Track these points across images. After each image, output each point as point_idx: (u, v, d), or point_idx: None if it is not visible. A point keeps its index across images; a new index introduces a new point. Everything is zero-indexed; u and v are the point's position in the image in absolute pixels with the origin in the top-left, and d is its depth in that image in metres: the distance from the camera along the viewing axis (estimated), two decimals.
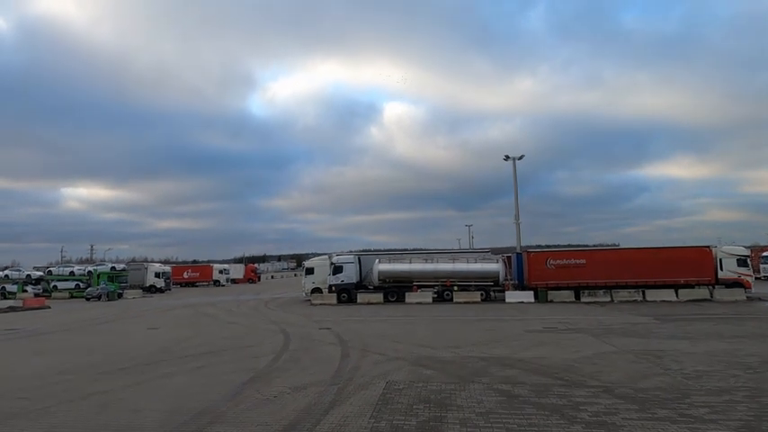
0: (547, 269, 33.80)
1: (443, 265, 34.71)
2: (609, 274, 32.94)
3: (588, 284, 33.04)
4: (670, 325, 20.50)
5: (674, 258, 32.80)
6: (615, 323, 21.38)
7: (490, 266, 34.34)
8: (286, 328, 21.53)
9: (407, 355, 14.44)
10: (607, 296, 32.19)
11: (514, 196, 41.71)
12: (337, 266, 35.66)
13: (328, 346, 16.52)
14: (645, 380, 11.05)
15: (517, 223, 41.13)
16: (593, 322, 21.78)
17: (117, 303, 40.61)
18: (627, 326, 20.44)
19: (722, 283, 32.68)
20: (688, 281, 32.53)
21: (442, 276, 34.54)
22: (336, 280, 35.49)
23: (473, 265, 34.48)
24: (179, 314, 29.54)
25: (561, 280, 33.37)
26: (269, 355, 14.77)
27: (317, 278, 37.56)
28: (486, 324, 21.84)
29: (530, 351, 14.76)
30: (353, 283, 35.35)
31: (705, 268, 32.71)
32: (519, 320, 23.12)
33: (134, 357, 15.17)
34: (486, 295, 34.09)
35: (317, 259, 39.46)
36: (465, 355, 14.26)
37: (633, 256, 33.43)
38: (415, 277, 34.78)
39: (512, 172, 41.74)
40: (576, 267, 33.54)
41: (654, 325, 20.58)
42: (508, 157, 41.82)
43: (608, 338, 16.97)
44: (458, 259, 35.11)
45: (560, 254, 34.15)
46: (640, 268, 32.77)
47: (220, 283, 69.02)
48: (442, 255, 36.14)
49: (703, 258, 32.86)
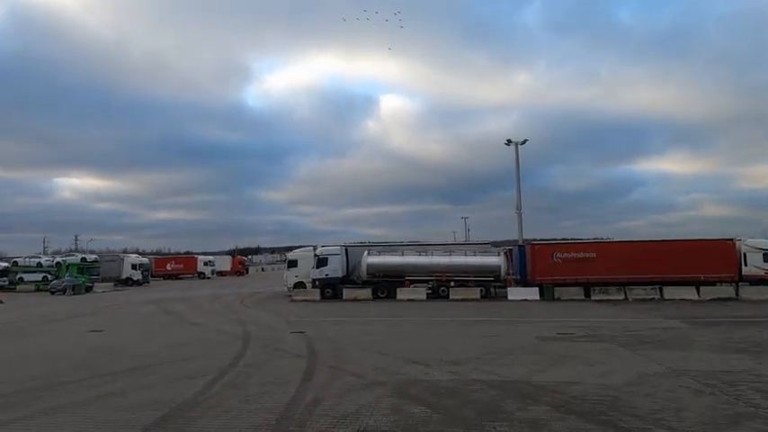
0: (553, 263, 30.20)
1: (439, 259, 31.07)
2: (622, 268, 29.38)
3: (599, 280, 29.47)
4: (708, 331, 16.96)
5: (694, 252, 29.26)
6: (641, 328, 17.82)
7: (490, 260, 30.72)
8: (252, 332, 17.87)
9: (391, 376, 10.81)
10: (620, 293, 28.63)
11: (516, 184, 38.11)
12: (321, 259, 31.96)
13: (292, 359, 12.86)
14: (735, 428, 7.45)
15: (519, 213, 37.53)
16: (615, 326, 18.22)
17: (82, 298, 36.77)
18: (657, 332, 16.88)
19: (746, 279, 29.20)
20: (709, 277, 29.02)
21: (438, 271, 30.91)
22: (320, 274, 31.79)
23: (471, 259, 30.86)
24: (139, 312, 25.79)
25: (569, 275, 29.79)
26: (209, 375, 11.09)
27: (301, 271, 33.84)
28: (489, 328, 18.24)
29: (552, 371, 11.14)
30: (339, 277, 31.66)
31: (728, 263, 29.20)
32: (526, 323, 19.54)
33: (35, 377, 11.45)
34: (485, 292, 30.47)
35: (300, 251, 35.73)
36: (467, 377, 10.63)
37: (649, 249, 29.86)
38: (408, 271, 31.14)
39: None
40: (586, 261, 29.95)
41: (689, 331, 17.03)
42: (510, 142, 38.12)
43: (643, 351, 13.39)
44: (455, 252, 31.47)
45: (568, 246, 30.57)
46: (657, 263, 29.22)
47: (205, 276, 65.18)
48: (438, 247, 32.49)
49: (726, 252, 29.34)
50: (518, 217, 37.45)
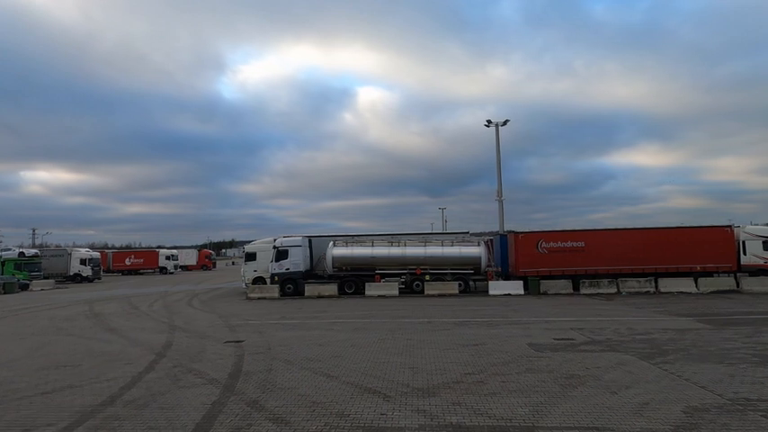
0: (538, 254, 27.06)
1: (413, 250, 27.61)
2: (613, 259, 26.44)
3: (588, 272, 26.50)
4: (731, 333, 13.84)
5: (690, 241, 26.48)
6: (651, 330, 14.62)
7: (470, 250, 27.39)
8: (175, 342, 14.08)
9: (331, 420, 7.23)
10: (612, 286, 25.64)
11: (497, 169, 34.76)
12: (281, 251, 28.16)
13: (202, 388, 9.16)
14: None
15: (500, 200, 34.24)
16: (620, 328, 14.99)
17: (10, 298, 32.21)
18: (673, 335, 13.69)
19: (745, 269, 26.57)
20: (706, 267, 26.31)
21: (412, 263, 27.47)
22: (280, 268, 28.02)
23: (449, 249, 27.48)
24: (56, 315, 21.56)
25: (555, 267, 26.72)
26: (58, 424, 7.34)
27: (260, 265, 30.05)
28: (471, 333, 14.81)
29: (563, 405, 7.68)
30: (301, 271, 27.94)
31: (726, 252, 26.51)
32: (514, 324, 16.18)
33: None
34: (464, 286, 27.20)
35: (259, 242, 31.82)
36: (444, 419, 7.10)
37: (642, 237, 26.94)
38: (379, 264, 27.62)
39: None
40: (574, 251, 26.91)
41: (710, 334, 13.88)
42: (490, 123, 34.74)
43: (671, 365, 10.11)
44: (430, 242, 28.04)
45: (554, 235, 27.43)
46: (651, 252, 26.37)
47: (168, 271, 60.62)
48: (412, 237, 29.00)
49: (724, 241, 26.62)
50: (499, 204, 34.20)
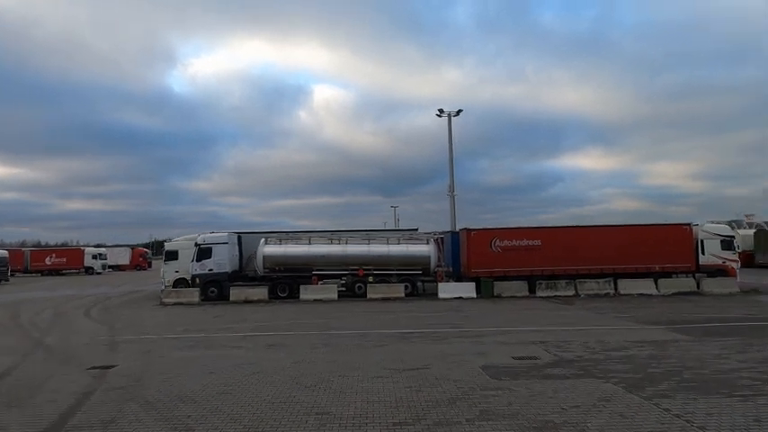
0: (492, 253, 24.55)
1: (355, 248, 24.48)
2: (571, 258, 24.26)
3: (545, 273, 24.20)
4: (718, 347, 11.51)
5: (650, 239, 24.67)
6: (626, 343, 12.11)
7: (418, 249, 24.55)
8: (16, 368, 10.34)
9: None
10: (570, 288, 23.43)
11: (449, 162, 32.16)
12: (203, 249, 24.35)
13: None
14: None
15: (452, 195, 31.65)
16: (589, 341, 12.41)
17: None
18: (653, 350, 11.19)
19: (703, 270, 25.04)
20: (665, 267, 24.58)
21: (354, 263, 24.35)
22: (202, 268, 24.22)
23: (395, 248, 24.53)
24: None
25: (510, 267, 24.27)
26: None
27: (183, 265, 26.02)
28: (413, 350, 11.81)
29: None
30: (227, 272, 24.24)
31: (685, 252, 24.88)
32: (466, 338, 13.34)
33: None
34: (411, 288, 24.33)
35: (182, 239, 27.77)
36: None
37: (601, 235, 24.89)
38: (316, 264, 24.33)
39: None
40: (530, 250, 24.56)
41: (696, 348, 11.46)
42: (442, 112, 32.09)
43: (674, 402, 7.42)
44: (375, 240, 25.00)
45: (509, 232, 25.00)
46: (610, 252, 24.37)
47: (94, 271, 54.87)
48: (355, 234, 25.87)
49: (683, 239, 24.99)
50: (450, 200, 31.60)
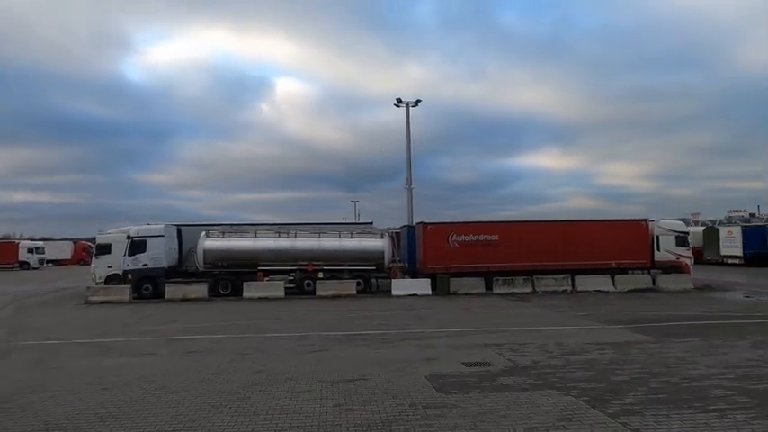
0: (449, 248, 23.46)
1: (305, 242, 22.88)
2: (529, 254, 23.44)
3: (502, 269, 23.28)
4: (679, 347, 10.65)
5: (607, 235, 24.16)
6: (584, 345, 11.09)
7: (372, 244, 23.17)
8: None
9: None
10: (528, 285, 22.61)
11: (407, 154, 30.90)
12: (137, 242, 22.20)
13: None
14: None
15: (409, 188, 30.41)
16: (547, 343, 11.34)
17: None
18: (614, 354, 10.18)
19: (658, 266, 24.77)
20: (621, 264, 24.11)
21: (303, 258, 22.74)
22: (135, 263, 22.08)
23: (347, 242, 23.07)
24: None
25: (467, 263, 23.25)
26: None
27: (116, 260, 23.71)
28: (353, 356, 10.39)
29: None
30: (163, 267, 22.19)
31: (641, 248, 24.51)
32: (415, 340, 12.02)
33: None
34: (364, 285, 22.94)
35: (116, 231, 25.31)
36: None
37: (559, 230, 24.22)
38: (263, 259, 22.58)
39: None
40: (487, 246, 23.59)
41: (659, 351, 10.53)
42: (400, 102, 30.76)
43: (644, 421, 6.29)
44: (326, 234, 23.45)
45: (467, 227, 23.97)
46: (568, 247, 23.69)
47: (30, 266, 50.91)
48: (305, 228, 24.23)
49: (640, 235, 24.63)
50: (408, 193, 30.37)
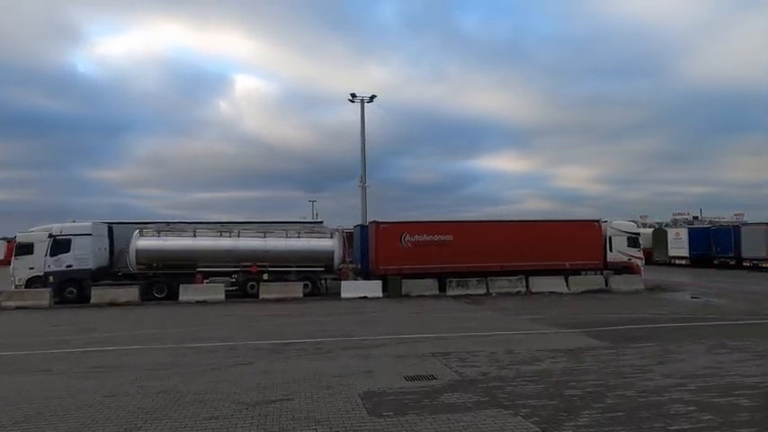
0: (402, 248, 22.46)
1: (249, 241, 21.36)
2: (483, 255, 22.73)
3: (456, 270, 22.49)
4: (634, 354, 10.01)
5: (561, 235, 23.79)
6: (537, 353, 10.27)
7: (320, 243, 21.90)
8: None
9: None
10: (482, 286, 21.88)
11: (361, 152, 29.74)
12: (60, 241, 20.09)
13: None
14: None
15: (363, 186, 29.28)
16: (496, 350, 10.46)
17: None
18: (567, 363, 9.38)
19: (611, 267, 24.60)
20: (575, 264, 23.78)
21: (247, 258, 21.21)
22: (57, 264, 19.98)
23: (295, 242, 21.70)
24: None
25: (421, 264, 22.31)
26: None
27: (39, 261, 21.45)
28: (281, 370, 9.13)
29: None
30: (90, 269, 20.18)
31: (594, 249, 24.26)
32: (355, 349, 10.89)
33: None
34: (312, 287, 21.64)
35: (39, 229, 22.99)
36: None
37: (513, 231, 23.61)
38: (202, 260, 20.92)
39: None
40: (441, 246, 22.75)
41: (615, 359, 9.81)
42: (355, 97, 29.58)
43: None
44: (272, 233, 22.00)
45: (420, 226, 23.06)
46: (522, 248, 23.12)
47: None
48: (250, 226, 22.69)
49: (593, 236, 24.37)
50: (362, 191, 29.22)
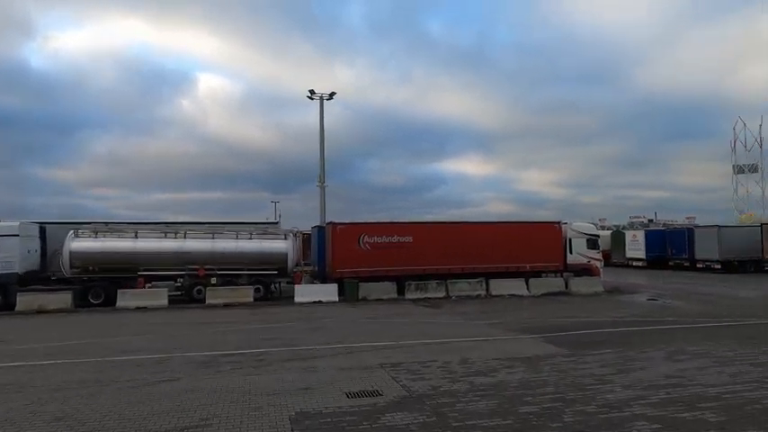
0: (360, 250, 21.57)
1: (196, 243, 20.01)
2: (444, 257, 22.11)
3: (416, 272, 21.76)
4: (594, 363, 9.41)
5: (522, 237, 23.42)
6: (493, 362, 9.53)
7: (273, 245, 20.75)
8: None
9: None
10: (441, 289, 21.22)
11: (320, 150, 28.67)
12: None
13: None
14: None
15: (322, 186, 28.21)
16: (451, 360, 9.67)
17: None
18: (525, 373, 8.67)
19: (570, 269, 24.40)
20: (536, 267, 23.47)
21: (194, 261, 19.86)
22: None
23: (246, 244, 20.48)
24: None
25: (379, 266, 21.47)
26: None
27: None
28: (209, 390, 8.04)
29: None
30: (16, 273, 18.35)
31: (554, 251, 24.01)
32: (297, 361, 9.88)
33: None
34: (264, 291, 20.48)
35: None
36: None
37: (473, 233, 23.10)
38: (145, 262, 19.44)
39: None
40: (401, 248, 21.97)
41: (574, 367, 9.17)
42: (314, 94, 28.49)
43: None
44: (222, 234, 20.70)
45: (379, 228, 22.22)
46: (483, 250, 22.61)
47: None
48: (198, 227, 21.30)
49: (553, 238, 24.12)
50: (321, 191, 28.16)
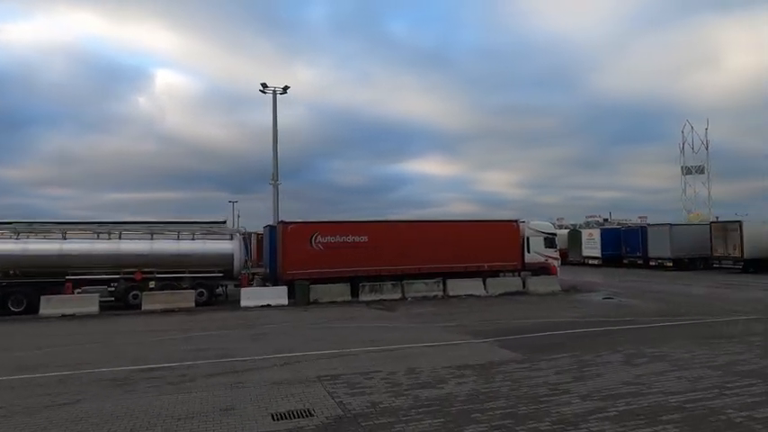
0: (312, 251, 20.49)
1: (132, 245, 18.44)
2: (400, 257, 21.32)
3: (371, 273, 20.87)
4: (549, 369, 8.78)
5: (479, 236, 22.91)
6: (443, 371, 8.74)
7: (218, 246, 19.40)
8: None
9: None
10: (397, 291, 20.41)
11: (273, 146, 27.34)
12: None
13: None
14: None
15: (275, 184, 26.88)
16: (398, 370, 8.82)
17: None
18: (476, 384, 7.89)
19: (528, 268, 24.09)
20: (494, 266, 23.01)
21: (130, 264, 18.29)
22: None
23: (188, 245, 19.04)
24: None
25: (332, 267, 20.46)
26: None
27: None
28: (111, 413, 6.79)
29: None
30: None
31: (512, 249, 23.63)
32: (226, 375, 8.78)
33: None
34: (208, 295, 19.10)
35: None
36: None
37: (430, 232, 22.43)
38: (75, 266, 17.74)
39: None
40: (355, 248, 21.03)
41: (528, 375, 8.49)
42: (266, 87, 27.13)
43: None
44: (162, 234, 19.17)
45: (333, 227, 21.20)
46: (440, 249, 21.96)
47: None
48: (135, 227, 19.67)
49: (511, 236, 23.73)
50: (273, 189, 26.83)
